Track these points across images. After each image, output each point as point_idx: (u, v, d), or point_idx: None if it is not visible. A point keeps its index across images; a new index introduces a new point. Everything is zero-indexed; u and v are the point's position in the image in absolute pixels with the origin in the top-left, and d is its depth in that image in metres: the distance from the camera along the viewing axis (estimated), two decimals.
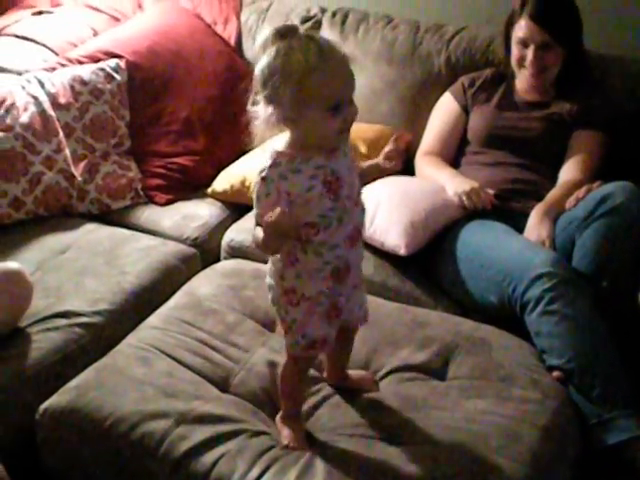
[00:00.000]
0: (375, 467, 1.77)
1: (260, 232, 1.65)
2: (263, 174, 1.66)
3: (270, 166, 1.66)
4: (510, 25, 2.62)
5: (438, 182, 2.59)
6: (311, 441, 1.87)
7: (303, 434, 1.88)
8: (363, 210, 1.79)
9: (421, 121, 2.87)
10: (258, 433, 1.88)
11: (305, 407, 1.96)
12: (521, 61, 2.61)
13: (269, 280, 1.83)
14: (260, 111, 1.65)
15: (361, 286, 1.88)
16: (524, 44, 2.58)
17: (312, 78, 1.58)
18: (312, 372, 2.00)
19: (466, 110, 2.76)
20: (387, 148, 1.90)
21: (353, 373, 2.04)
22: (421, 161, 2.73)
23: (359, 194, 1.77)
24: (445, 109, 2.80)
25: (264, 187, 1.66)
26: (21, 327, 2.21)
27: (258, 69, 1.62)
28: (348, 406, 1.96)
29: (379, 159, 1.89)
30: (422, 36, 2.98)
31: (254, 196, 1.69)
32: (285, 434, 1.87)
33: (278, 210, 1.57)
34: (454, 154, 2.76)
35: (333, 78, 1.60)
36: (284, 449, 1.83)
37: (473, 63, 2.87)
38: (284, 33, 1.61)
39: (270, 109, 1.62)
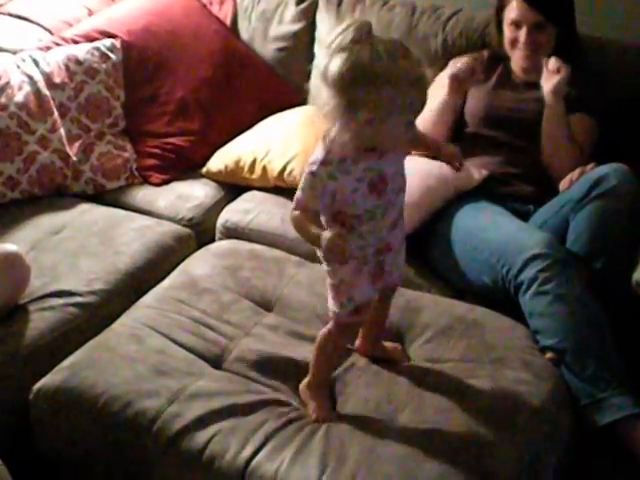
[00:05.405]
0: (370, 447, 1.77)
1: (300, 217, 1.69)
2: (313, 169, 1.67)
3: (321, 162, 1.66)
4: (501, 7, 2.61)
5: (440, 100, 2.63)
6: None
7: (329, 405, 1.89)
8: (404, 192, 1.79)
9: None
10: (252, 407, 1.88)
11: None
12: (514, 42, 2.59)
13: None
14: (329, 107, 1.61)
15: (402, 249, 1.88)
16: (517, 25, 2.56)
17: (416, 86, 1.59)
18: None
19: None
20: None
21: (386, 344, 2.05)
22: None
23: (404, 181, 1.78)
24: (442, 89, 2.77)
25: (311, 181, 1.67)
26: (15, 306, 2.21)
27: (346, 68, 1.55)
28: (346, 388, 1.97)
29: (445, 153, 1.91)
30: (418, 18, 2.97)
31: (300, 183, 1.71)
32: (312, 407, 1.87)
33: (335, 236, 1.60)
34: (451, 134, 2.73)
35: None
36: (314, 423, 1.84)
37: (469, 45, 2.85)
38: (366, 33, 1.57)
39: (343, 108, 1.58)
